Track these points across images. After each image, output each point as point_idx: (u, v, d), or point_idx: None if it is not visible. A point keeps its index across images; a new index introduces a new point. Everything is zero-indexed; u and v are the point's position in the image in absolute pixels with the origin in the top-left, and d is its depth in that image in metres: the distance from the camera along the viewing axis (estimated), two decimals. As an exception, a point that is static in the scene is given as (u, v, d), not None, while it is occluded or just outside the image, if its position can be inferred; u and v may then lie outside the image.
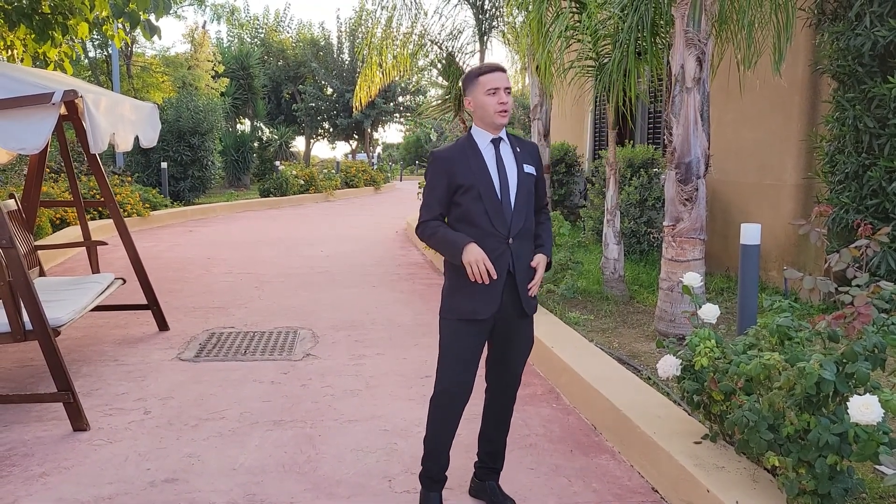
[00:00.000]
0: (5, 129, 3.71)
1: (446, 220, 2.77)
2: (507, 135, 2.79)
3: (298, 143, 30.20)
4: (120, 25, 7.61)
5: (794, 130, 6.44)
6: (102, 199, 5.53)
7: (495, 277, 2.62)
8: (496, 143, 2.74)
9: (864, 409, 2.22)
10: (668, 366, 3.18)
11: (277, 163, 20.73)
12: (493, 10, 9.85)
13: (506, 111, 2.68)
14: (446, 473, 2.92)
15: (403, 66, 10.31)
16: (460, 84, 2.91)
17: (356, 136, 30.38)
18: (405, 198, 20.74)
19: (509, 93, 2.69)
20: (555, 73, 6.44)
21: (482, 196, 2.66)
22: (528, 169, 2.77)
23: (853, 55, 5.27)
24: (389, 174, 29.72)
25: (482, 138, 2.74)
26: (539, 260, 2.78)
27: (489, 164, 2.71)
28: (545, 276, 5.92)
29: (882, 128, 5.16)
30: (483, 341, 2.78)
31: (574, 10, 6.33)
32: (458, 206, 2.70)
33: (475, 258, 2.58)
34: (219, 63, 23.06)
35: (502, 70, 2.70)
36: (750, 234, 3.76)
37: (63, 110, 4.97)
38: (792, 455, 2.48)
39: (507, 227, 2.67)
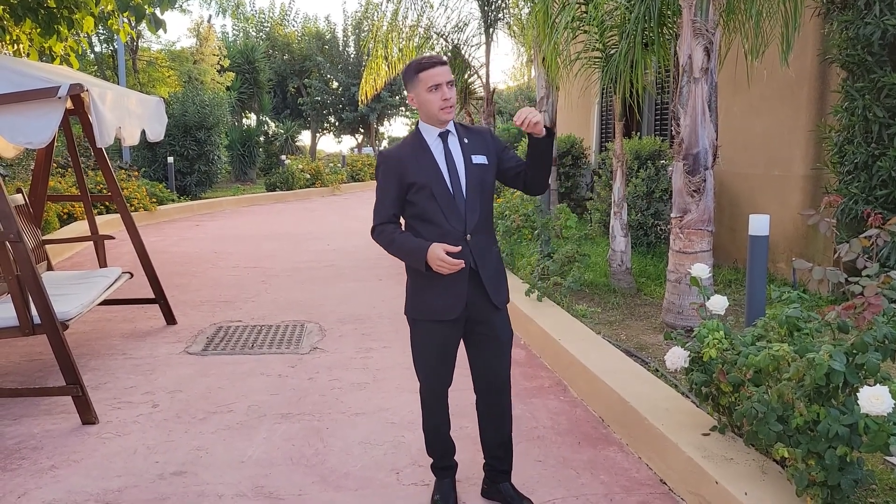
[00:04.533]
0: (12, 123, 3.72)
1: (402, 219, 2.71)
2: (456, 125, 2.71)
3: (304, 138, 30.18)
4: (125, 20, 7.62)
5: (803, 121, 6.39)
6: (109, 193, 5.54)
7: (463, 266, 2.51)
8: (444, 136, 2.66)
9: (874, 399, 2.21)
10: (676, 358, 3.17)
11: (283, 157, 20.72)
12: (499, 1, 9.81)
13: (450, 107, 2.58)
14: (455, 460, 2.96)
15: (409, 59, 10.28)
16: (402, 77, 2.69)
17: (362, 130, 30.31)
18: (411, 191, 20.65)
19: (452, 86, 2.59)
20: (561, 65, 6.40)
21: (434, 194, 2.59)
22: (478, 159, 2.67)
23: (862, 44, 5.21)
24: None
25: (430, 134, 2.66)
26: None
27: (438, 160, 2.63)
28: (553, 269, 5.94)
29: (892, 117, 5.11)
30: (456, 339, 2.73)
31: (580, 0, 6.29)
32: (413, 205, 2.63)
33: (439, 258, 2.48)
34: (224, 57, 23.04)
35: (443, 63, 2.58)
36: (758, 225, 3.74)
37: (69, 104, 4.97)
38: (801, 446, 2.47)
39: (462, 222, 2.60)
